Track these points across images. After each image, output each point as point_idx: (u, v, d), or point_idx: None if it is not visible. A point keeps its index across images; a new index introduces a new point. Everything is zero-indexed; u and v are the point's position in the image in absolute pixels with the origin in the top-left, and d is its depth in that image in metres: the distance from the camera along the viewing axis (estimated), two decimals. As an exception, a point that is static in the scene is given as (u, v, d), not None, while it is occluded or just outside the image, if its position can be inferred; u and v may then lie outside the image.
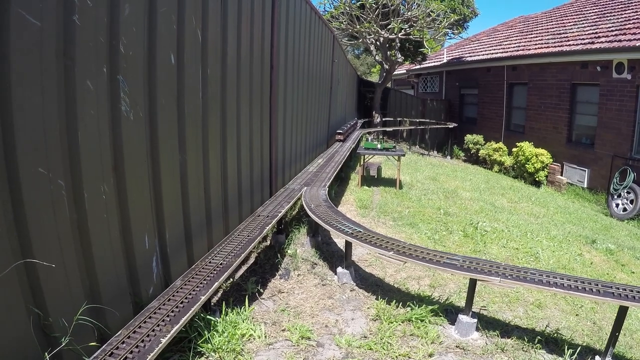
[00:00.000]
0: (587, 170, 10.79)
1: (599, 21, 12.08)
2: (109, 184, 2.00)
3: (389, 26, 13.42)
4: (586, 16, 13.41)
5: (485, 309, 3.35)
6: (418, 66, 19.20)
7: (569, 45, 11.52)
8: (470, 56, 17.22)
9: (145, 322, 2.06)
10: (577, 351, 2.76)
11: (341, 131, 9.77)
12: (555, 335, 3.02)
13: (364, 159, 8.23)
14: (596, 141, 10.53)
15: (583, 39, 11.30)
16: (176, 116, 2.53)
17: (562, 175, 11.59)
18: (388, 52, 14.95)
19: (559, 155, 11.72)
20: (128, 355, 1.81)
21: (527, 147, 12.20)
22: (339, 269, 3.70)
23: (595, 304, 3.69)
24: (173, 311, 2.15)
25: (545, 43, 12.92)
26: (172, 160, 2.54)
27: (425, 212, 6.20)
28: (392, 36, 13.76)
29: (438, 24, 13.46)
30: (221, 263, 2.73)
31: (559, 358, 2.75)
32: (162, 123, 2.38)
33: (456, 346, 2.79)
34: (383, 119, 16.69)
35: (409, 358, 2.63)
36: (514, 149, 12.77)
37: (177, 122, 2.55)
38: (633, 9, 11.45)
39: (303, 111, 6.11)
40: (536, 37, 14.19)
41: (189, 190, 2.73)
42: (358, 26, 13.45)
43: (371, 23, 13.36)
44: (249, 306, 3.00)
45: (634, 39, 9.37)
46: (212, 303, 2.85)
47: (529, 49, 13.12)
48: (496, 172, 13.45)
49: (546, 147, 12.01)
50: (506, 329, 3.06)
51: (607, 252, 5.53)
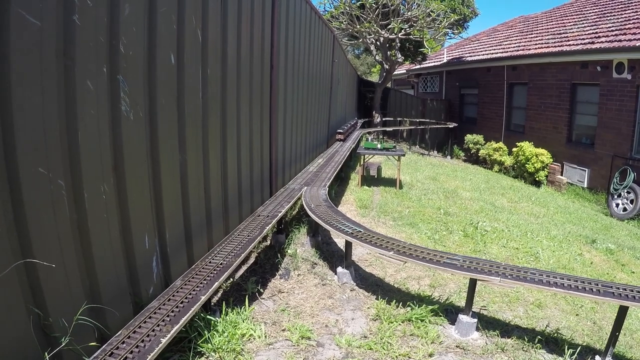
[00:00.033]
0: (587, 170, 10.79)
1: (599, 21, 12.08)
2: (109, 184, 2.00)
3: (389, 26, 13.42)
4: (586, 16, 13.41)
5: (485, 309, 3.35)
6: (418, 66, 19.20)
7: (569, 45, 11.52)
8: (470, 56, 17.21)
9: (145, 322, 2.06)
10: (577, 351, 2.76)
11: (341, 131, 9.77)
12: (555, 335, 3.02)
13: (364, 159, 8.23)
14: (596, 141, 10.53)
15: (583, 39, 11.30)
16: (176, 116, 2.54)
17: (562, 175, 11.60)
18: (388, 52, 14.95)
19: (559, 155, 11.73)
20: (128, 355, 1.81)
21: (527, 147, 12.21)
22: (339, 269, 3.70)
23: (595, 304, 3.69)
24: (173, 311, 2.15)
25: (545, 43, 12.92)
26: (172, 160, 2.54)
27: (425, 212, 6.20)
28: (392, 36, 13.76)
29: (438, 24, 13.47)
30: (221, 263, 2.73)
31: (559, 358, 2.75)
32: (162, 123, 2.38)
33: (456, 346, 2.79)
34: (383, 119, 16.69)
35: (409, 358, 2.63)
36: (514, 149, 12.77)
37: (177, 122, 2.55)
38: (633, 9, 11.45)
39: (303, 111, 6.11)
40: (536, 37, 14.19)
41: (189, 190, 2.73)
42: (358, 26, 13.45)
43: (371, 23, 13.36)
44: (249, 306, 3.00)
45: (634, 39, 9.37)
46: (212, 303, 2.85)
47: (529, 49, 13.12)
48: (496, 172, 13.45)
49: (546, 147, 12.02)
50: (506, 329, 3.06)
51: (607, 252, 5.53)
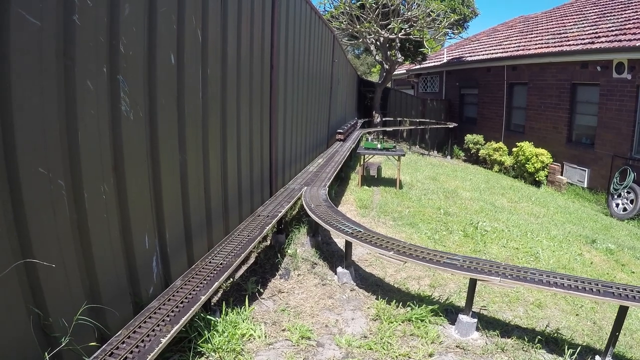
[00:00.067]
0: (587, 170, 10.79)
1: (599, 21, 12.08)
2: (109, 184, 2.00)
3: (389, 26, 13.42)
4: (586, 16, 13.41)
5: (485, 309, 3.35)
6: (418, 66, 19.20)
7: (569, 45, 11.51)
8: (470, 56, 17.21)
9: (145, 322, 2.06)
10: (577, 351, 2.76)
11: (341, 130, 9.77)
12: (555, 335, 3.02)
13: (364, 159, 8.23)
14: (596, 141, 10.53)
15: (583, 39, 11.30)
16: (176, 116, 2.53)
17: (562, 175, 11.60)
18: (388, 52, 14.95)
19: (559, 155, 11.73)
20: (128, 355, 1.81)
21: (527, 147, 12.21)
22: (339, 269, 3.70)
23: (595, 304, 3.69)
24: (173, 311, 2.15)
25: (545, 43, 12.92)
26: (172, 160, 2.54)
27: (425, 212, 6.20)
28: (392, 36, 13.76)
29: (438, 24, 13.47)
30: (221, 263, 2.73)
31: (559, 358, 2.75)
32: (162, 123, 2.38)
33: (456, 346, 2.79)
34: (383, 119, 16.69)
35: (409, 358, 2.63)
36: (514, 149, 12.77)
37: (177, 122, 2.55)
38: (633, 9, 11.45)
39: (303, 111, 6.11)
40: (536, 37, 14.19)
41: (189, 190, 2.73)
42: (358, 26, 13.45)
43: (371, 23, 13.36)
44: (249, 306, 3.00)
45: (634, 39, 9.37)
46: (212, 303, 2.85)
47: (529, 49, 13.12)
48: (496, 172, 13.45)
49: (546, 147, 12.01)
50: (506, 329, 3.06)
51: (607, 252, 5.53)
